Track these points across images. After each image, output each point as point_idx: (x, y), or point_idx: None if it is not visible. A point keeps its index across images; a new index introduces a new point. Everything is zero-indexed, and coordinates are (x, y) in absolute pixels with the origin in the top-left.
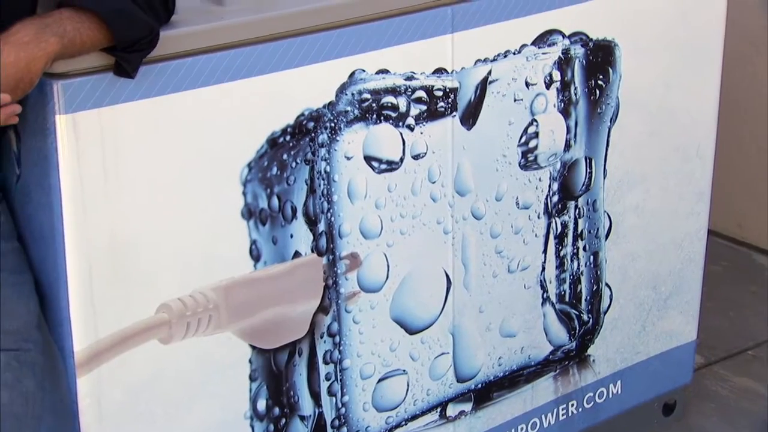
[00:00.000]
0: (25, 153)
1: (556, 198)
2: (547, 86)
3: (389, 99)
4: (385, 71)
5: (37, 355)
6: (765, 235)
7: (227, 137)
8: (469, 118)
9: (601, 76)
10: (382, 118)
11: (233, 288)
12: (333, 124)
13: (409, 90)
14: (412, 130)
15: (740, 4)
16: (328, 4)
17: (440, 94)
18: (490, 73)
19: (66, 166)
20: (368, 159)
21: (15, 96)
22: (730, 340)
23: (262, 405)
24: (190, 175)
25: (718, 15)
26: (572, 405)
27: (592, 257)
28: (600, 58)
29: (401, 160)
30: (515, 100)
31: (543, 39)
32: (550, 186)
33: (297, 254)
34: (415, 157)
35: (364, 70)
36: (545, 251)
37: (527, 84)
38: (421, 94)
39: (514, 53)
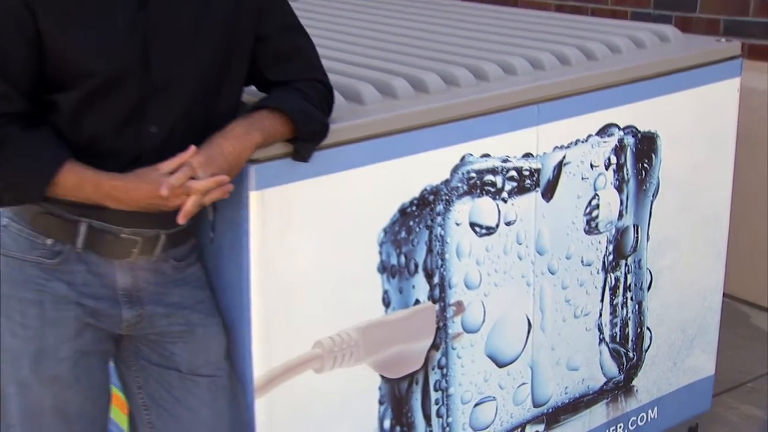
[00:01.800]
0: (219, 221)
1: (611, 257)
2: (606, 168)
3: (489, 177)
4: (487, 155)
5: (227, 381)
6: (746, 288)
7: (369, 207)
8: (548, 192)
9: (646, 161)
10: (483, 192)
11: (370, 329)
12: (447, 197)
13: (504, 170)
14: (505, 202)
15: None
16: (445, 103)
17: (527, 173)
18: (564, 157)
19: (255, 232)
20: (472, 225)
21: (231, 177)
22: (730, 375)
23: (387, 424)
24: (339, 237)
25: (731, 117)
26: (620, 427)
27: (637, 306)
28: (646, 146)
29: (497, 226)
30: (582, 179)
31: (604, 130)
32: (606, 247)
33: (417, 302)
34: (507, 224)
35: (471, 154)
36: (602, 300)
37: (592, 166)
38: (513, 173)
39: (582, 141)
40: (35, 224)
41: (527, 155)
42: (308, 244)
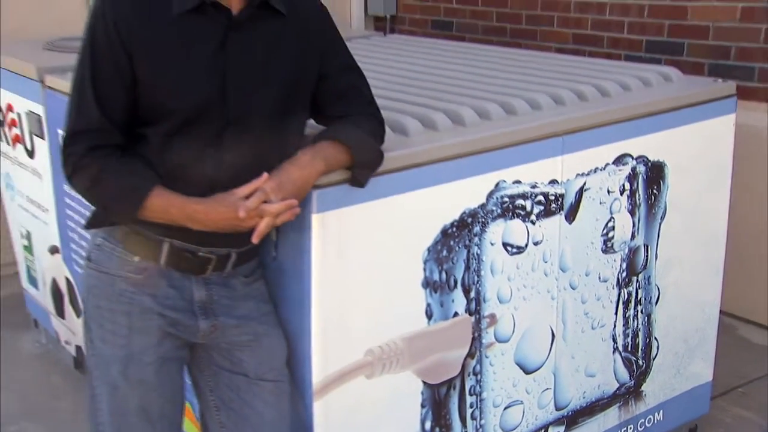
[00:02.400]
0: (282, 241)
1: (624, 274)
2: (621, 193)
3: (520, 201)
4: (518, 182)
5: (288, 386)
6: (729, 302)
7: (414, 228)
8: (571, 215)
9: (655, 187)
10: (515, 215)
11: (414, 339)
12: (483, 219)
13: (533, 195)
14: (534, 224)
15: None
16: (481, 135)
17: (553, 198)
18: (585, 183)
19: (316, 250)
20: (505, 245)
21: (299, 201)
22: (722, 380)
23: (428, 426)
24: (387, 255)
25: (728, 149)
26: (630, 428)
27: (646, 318)
28: (655, 174)
29: (526, 245)
30: (600, 203)
31: (619, 160)
32: (620, 265)
33: (455, 314)
34: (535, 244)
35: (505, 181)
36: (616, 313)
37: (608, 191)
38: (541, 198)
39: (601, 169)
40: (125, 243)
41: (553, 181)
42: (361, 262)
